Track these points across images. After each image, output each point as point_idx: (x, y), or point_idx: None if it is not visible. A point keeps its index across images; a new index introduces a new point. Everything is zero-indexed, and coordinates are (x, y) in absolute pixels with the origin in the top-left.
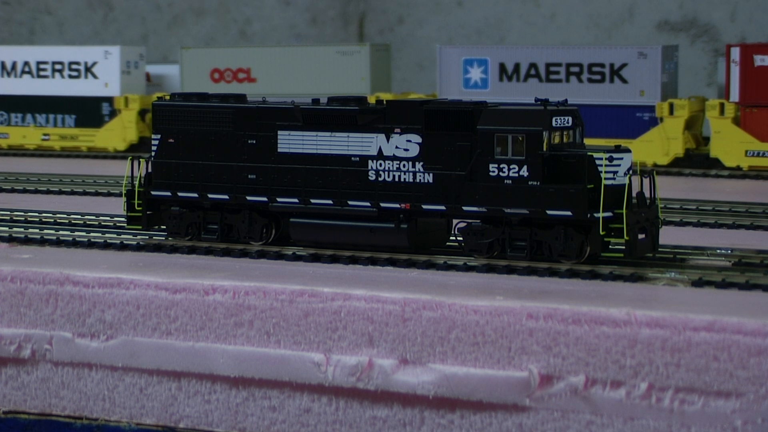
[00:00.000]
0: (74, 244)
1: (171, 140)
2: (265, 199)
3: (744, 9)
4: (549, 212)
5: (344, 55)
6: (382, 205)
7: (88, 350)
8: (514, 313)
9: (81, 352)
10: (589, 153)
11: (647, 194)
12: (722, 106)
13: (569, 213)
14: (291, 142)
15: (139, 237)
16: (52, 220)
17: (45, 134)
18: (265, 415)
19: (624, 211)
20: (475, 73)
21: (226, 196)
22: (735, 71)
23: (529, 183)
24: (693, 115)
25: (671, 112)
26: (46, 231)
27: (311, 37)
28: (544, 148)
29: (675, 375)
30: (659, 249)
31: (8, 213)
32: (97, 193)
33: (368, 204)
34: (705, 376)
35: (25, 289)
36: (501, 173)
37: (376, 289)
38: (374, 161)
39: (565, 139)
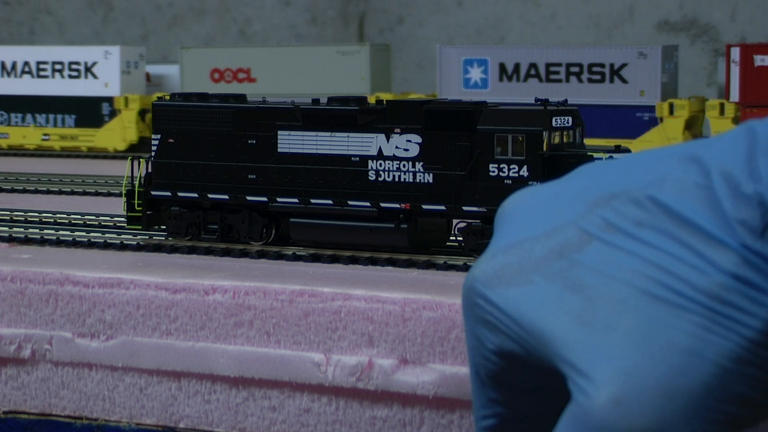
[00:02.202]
0: (74, 244)
1: (171, 140)
2: (265, 199)
3: (744, 9)
4: None
5: (344, 55)
6: (382, 205)
7: (88, 350)
8: None
9: (81, 352)
10: (589, 153)
11: None
12: (722, 106)
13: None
14: (291, 142)
15: (139, 237)
16: (52, 220)
17: (45, 134)
18: (265, 415)
19: None
20: (475, 73)
21: (226, 196)
22: (735, 71)
23: (529, 183)
24: (693, 115)
25: (671, 112)
26: (46, 231)
27: (311, 37)
28: (544, 148)
29: None
30: None
31: (8, 213)
32: (97, 193)
33: (368, 204)
34: None
35: (25, 289)
36: (501, 173)
37: (376, 289)
38: (374, 161)
39: (565, 139)
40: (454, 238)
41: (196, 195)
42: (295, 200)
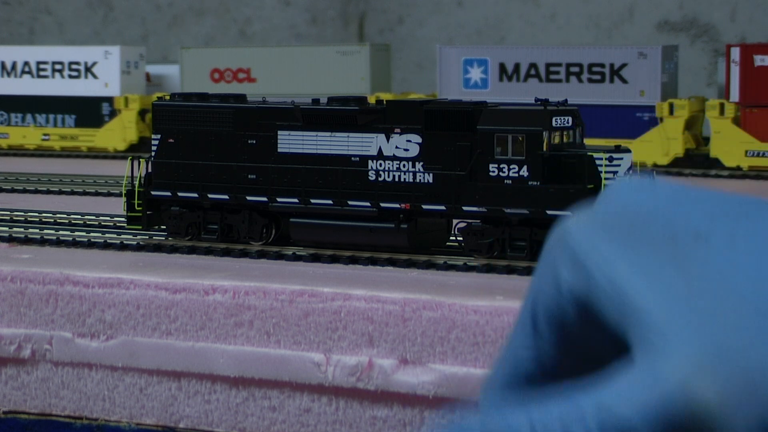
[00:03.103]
0: (74, 244)
1: (171, 140)
2: (265, 199)
3: (744, 9)
4: (549, 212)
5: (344, 55)
6: (382, 205)
7: (88, 350)
8: (514, 313)
9: (81, 352)
10: (589, 153)
11: None
12: (722, 106)
13: (569, 213)
14: (291, 142)
15: (139, 237)
16: (52, 220)
17: (45, 134)
18: (265, 415)
19: None
20: (475, 73)
21: (226, 196)
22: (735, 71)
23: (529, 183)
24: (693, 115)
25: (671, 112)
26: (46, 231)
27: (311, 37)
28: (544, 148)
29: None
30: None
31: (8, 213)
32: (97, 193)
33: (368, 204)
34: None
35: (25, 289)
36: (501, 173)
37: (376, 289)
38: (374, 161)
39: (565, 139)
40: (454, 238)
41: (196, 195)
42: (295, 200)
